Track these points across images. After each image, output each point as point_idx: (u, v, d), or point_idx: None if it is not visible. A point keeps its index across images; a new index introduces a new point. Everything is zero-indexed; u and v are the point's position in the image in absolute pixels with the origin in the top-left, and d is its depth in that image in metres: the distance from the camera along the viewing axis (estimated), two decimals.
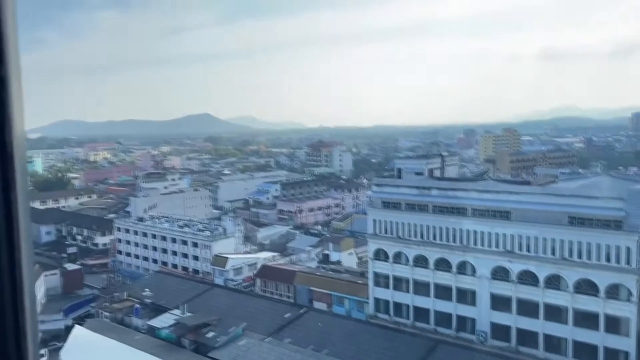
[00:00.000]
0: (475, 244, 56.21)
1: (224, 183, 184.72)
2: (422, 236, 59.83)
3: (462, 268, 57.35)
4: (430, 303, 59.26)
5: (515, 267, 53.97)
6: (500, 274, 55.04)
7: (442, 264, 58.38)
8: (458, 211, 57.76)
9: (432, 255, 58.86)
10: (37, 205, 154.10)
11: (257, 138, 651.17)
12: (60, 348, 57.31)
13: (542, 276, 52.50)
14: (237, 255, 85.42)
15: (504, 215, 55.01)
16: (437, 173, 68.24)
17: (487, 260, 55.55)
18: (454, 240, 57.55)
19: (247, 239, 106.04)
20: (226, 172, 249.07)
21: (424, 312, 59.77)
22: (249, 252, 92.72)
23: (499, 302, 55.22)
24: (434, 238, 58.87)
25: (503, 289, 54.84)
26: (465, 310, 57.20)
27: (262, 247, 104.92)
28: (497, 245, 55.02)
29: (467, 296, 57.23)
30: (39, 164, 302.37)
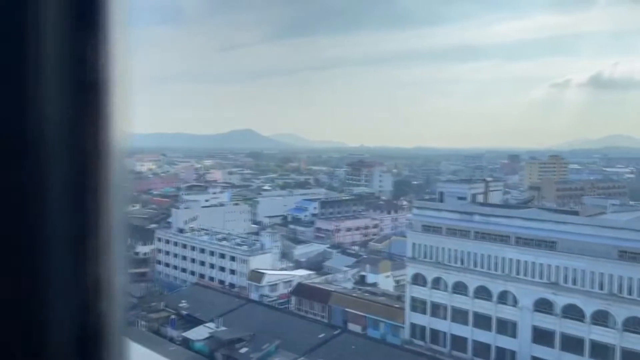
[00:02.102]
0: (517, 273, 54.37)
1: (263, 198, 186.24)
2: (462, 262, 58.35)
3: (503, 298, 55.46)
4: (468, 332, 57.47)
5: (560, 300, 51.80)
6: (543, 306, 52.92)
7: (482, 292, 56.65)
8: (501, 239, 56.13)
9: (472, 282, 57.23)
10: None
11: (297, 155, 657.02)
12: None
13: (588, 311, 50.18)
14: (274, 271, 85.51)
15: (549, 245, 53.07)
16: (480, 198, 66.72)
17: (530, 291, 53.57)
18: (496, 269, 55.85)
19: (284, 255, 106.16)
20: (266, 187, 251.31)
21: (462, 341, 57.97)
22: (285, 269, 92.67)
23: (541, 336, 53.00)
24: (475, 265, 57.30)
25: (546, 322, 52.67)
26: (505, 342, 55.16)
27: (298, 265, 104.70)
28: (541, 276, 53.03)
29: (507, 327, 55.23)
30: None
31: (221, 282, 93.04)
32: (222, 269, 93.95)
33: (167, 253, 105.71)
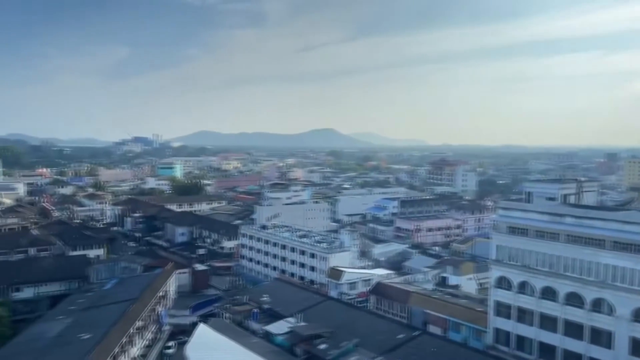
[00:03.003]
0: (614, 280, 50.62)
1: (343, 197, 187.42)
2: (551, 267, 55.28)
3: (598, 305, 51.90)
4: (557, 340, 54.38)
5: None
6: None
7: (574, 299, 53.35)
8: (596, 242, 52.52)
9: (563, 288, 54.06)
10: (174, 208, 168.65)
11: (378, 154, 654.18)
12: (185, 342, 61.58)
13: None
14: (353, 269, 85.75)
15: None
16: (572, 199, 62.83)
17: (628, 299, 49.69)
18: (589, 274, 52.35)
19: (363, 254, 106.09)
20: (346, 186, 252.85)
21: (550, 349, 54.96)
22: (364, 268, 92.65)
23: None
24: (565, 270, 54.07)
25: None
26: (599, 353, 51.59)
27: (377, 264, 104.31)
28: None
29: (601, 337, 51.60)
30: (179, 170, 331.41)
31: (301, 278, 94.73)
32: (302, 265, 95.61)
33: (251, 248, 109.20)
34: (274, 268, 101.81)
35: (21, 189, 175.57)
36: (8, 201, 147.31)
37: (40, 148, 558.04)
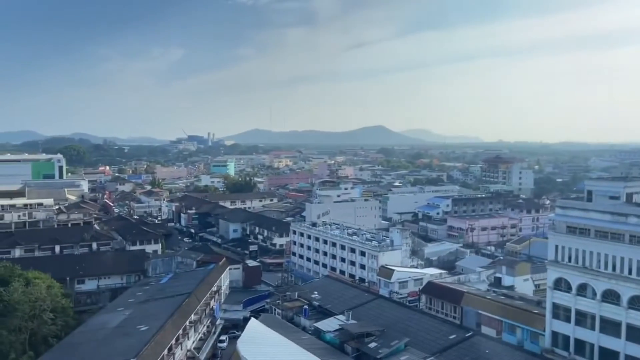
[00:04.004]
0: None
1: (393, 195, 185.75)
2: (614, 269, 52.66)
3: None
4: (621, 345, 51.77)
5: None
6: None
7: (639, 303, 50.63)
8: None
9: (626, 291, 51.40)
10: (227, 204, 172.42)
11: (429, 151, 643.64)
12: (238, 337, 62.84)
13: None
14: (404, 268, 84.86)
15: None
16: (637, 198, 59.56)
17: None
18: None
19: (414, 253, 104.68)
20: (397, 184, 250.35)
21: (612, 355, 52.41)
22: (416, 267, 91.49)
23: None
24: (630, 272, 51.37)
25: None
26: None
27: (429, 263, 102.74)
28: None
29: None
30: (232, 167, 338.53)
31: (351, 275, 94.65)
32: (352, 263, 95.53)
33: (301, 245, 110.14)
34: (324, 265, 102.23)
35: (84, 185, 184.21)
36: (73, 197, 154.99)
37: (102, 147, 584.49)
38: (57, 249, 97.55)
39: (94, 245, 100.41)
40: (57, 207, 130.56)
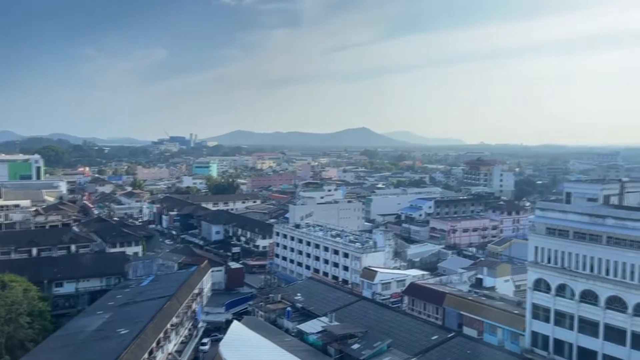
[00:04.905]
0: None
1: (376, 196, 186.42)
2: (592, 269, 53.51)
3: None
4: (598, 345, 52.58)
5: None
6: None
7: (616, 303, 51.50)
8: (639, 245, 50.54)
9: (604, 292, 52.26)
10: (210, 206, 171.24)
11: (412, 153, 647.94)
12: (220, 340, 62.38)
13: None
14: (386, 269, 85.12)
15: None
16: (614, 200, 60.65)
17: None
18: (632, 278, 50.43)
19: (397, 254, 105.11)
20: (380, 185, 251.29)
21: (590, 355, 53.22)
22: (398, 268, 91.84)
23: None
24: (607, 273, 52.24)
25: None
26: None
27: (411, 264, 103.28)
28: None
29: None
30: (214, 169, 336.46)
31: (334, 277, 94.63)
32: (336, 264, 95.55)
33: (284, 247, 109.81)
34: (308, 267, 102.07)
35: (63, 187, 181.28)
36: (51, 199, 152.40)
37: (81, 147, 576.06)
38: (35, 251, 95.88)
39: (73, 248, 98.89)
40: (34, 208, 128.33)
